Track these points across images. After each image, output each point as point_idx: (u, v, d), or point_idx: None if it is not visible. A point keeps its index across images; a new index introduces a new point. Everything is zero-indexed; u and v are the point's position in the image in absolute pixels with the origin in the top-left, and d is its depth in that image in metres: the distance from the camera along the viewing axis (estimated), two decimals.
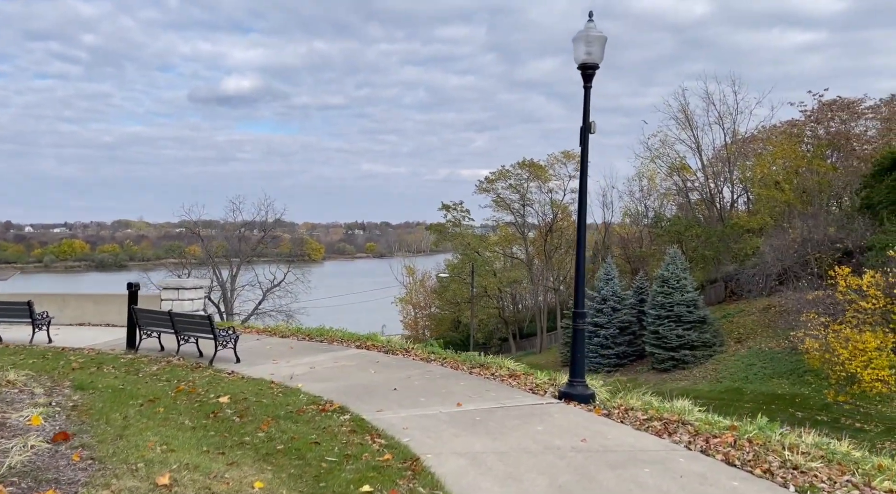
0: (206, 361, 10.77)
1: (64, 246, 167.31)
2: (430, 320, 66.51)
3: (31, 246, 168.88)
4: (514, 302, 67.36)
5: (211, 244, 51.01)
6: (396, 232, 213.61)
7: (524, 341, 64.10)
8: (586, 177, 8.70)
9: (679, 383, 37.43)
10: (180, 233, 53.23)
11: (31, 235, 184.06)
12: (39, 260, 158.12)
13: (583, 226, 8.76)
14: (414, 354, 12.06)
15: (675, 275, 39.67)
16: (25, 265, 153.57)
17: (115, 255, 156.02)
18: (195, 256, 51.03)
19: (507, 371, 10.51)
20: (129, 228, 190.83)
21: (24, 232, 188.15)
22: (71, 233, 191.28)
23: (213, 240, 52.65)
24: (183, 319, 10.81)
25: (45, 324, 12.85)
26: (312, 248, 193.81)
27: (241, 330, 14.79)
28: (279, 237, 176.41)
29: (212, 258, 50.03)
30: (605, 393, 9.44)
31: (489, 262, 59.83)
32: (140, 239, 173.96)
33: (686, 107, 49.79)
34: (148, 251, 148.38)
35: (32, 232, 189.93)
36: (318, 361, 11.27)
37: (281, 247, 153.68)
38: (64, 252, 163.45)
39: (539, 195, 60.41)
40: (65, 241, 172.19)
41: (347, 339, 13.45)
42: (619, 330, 43.32)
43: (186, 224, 52.44)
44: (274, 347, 12.70)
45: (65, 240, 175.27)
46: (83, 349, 11.76)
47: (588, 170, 8.89)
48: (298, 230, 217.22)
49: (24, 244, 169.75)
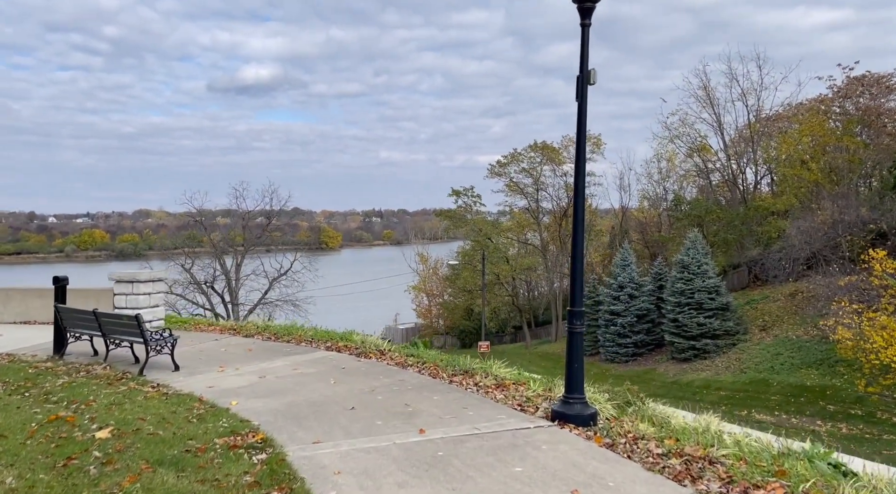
0: (138, 369, 9.13)
1: (84, 236, 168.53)
2: (443, 308, 64.87)
3: (53, 236, 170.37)
4: (528, 290, 65.45)
5: (227, 233, 49.57)
6: (413, 219, 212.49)
7: (539, 329, 62.26)
8: (584, 141, 6.84)
9: (700, 373, 35.47)
10: (202, 222, 52.01)
11: (53, 225, 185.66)
12: (61, 250, 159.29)
13: (580, 200, 6.94)
14: (389, 357, 10.33)
15: (695, 261, 37.56)
16: (47, 255, 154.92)
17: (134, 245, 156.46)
18: (213, 245, 49.62)
19: (493, 380, 8.73)
20: (149, 218, 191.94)
21: (48, 222, 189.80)
22: (93, 223, 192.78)
23: (231, 229, 51.22)
24: (110, 320, 9.19)
25: None
26: (329, 236, 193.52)
27: (205, 328, 13.19)
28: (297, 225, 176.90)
29: (216, 247, 48.64)
30: (609, 408, 7.63)
31: (502, 249, 57.91)
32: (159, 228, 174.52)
33: (707, 84, 47.30)
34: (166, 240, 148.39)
35: (55, 222, 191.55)
36: (273, 368, 9.58)
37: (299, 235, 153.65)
38: (85, 242, 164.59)
39: (553, 179, 58.34)
40: (85, 231, 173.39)
41: (318, 339, 11.77)
42: (637, 318, 41.37)
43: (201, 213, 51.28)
44: (230, 349, 11.04)
45: (85, 230, 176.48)
46: (11, 353, 10.20)
47: (586, 134, 7.01)
48: (316, 218, 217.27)
49: (47, 234, 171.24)
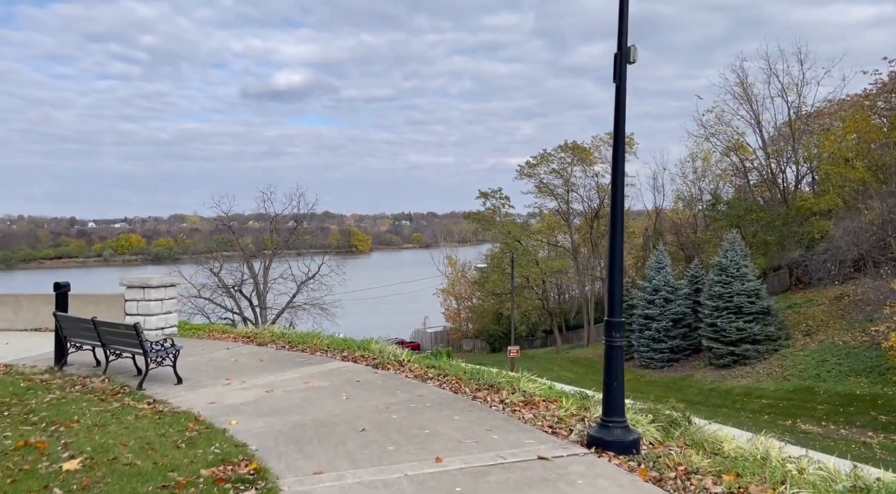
0: (146, 381, 8.50)
1: (122, 240, 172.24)
2: (471, 312, 63.99)
3: (92, 240, 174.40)
4: (559, 293, 64.19)
5: (259, 237, 49.48)
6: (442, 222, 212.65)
7: (571, 333, 60.98)
8: (623, 129, 5.98)
9: (740, 380, 34.02)
10: (231, 227, 52.25)
11: (93, 230, 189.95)
12: (99, 255, 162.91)
13: (619, 196, 6.07)
14: (408, 369, 9.55)
15: (734, 263, 36.11)
16: (86, 259, 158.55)
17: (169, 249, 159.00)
18: (241, 249, 49.59)
19: (521, 397, 7.87)
20: (184, 222, 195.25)
21: (87, 227, 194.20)
22: (130, 227, 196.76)
23: (262, 233, 51.17)
24: (109, 329, 8.58)
25: None
26: (359, 239, 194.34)
27: (219, 336, 12.58)
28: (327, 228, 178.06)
29: (244, 251, 48.57)
30: (653, 431, 6.73)
31: (532, 251, 56.80)
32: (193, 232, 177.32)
33: (745, 80, 45.64)
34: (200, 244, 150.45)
35: (95, 227, 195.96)
36: (282, 381, 8.87)
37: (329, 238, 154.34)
38: (122, 246, 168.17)
39: (584, 179, 57.07)
40: (122, 236, 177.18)
41: (335, 348, 11.05)
42: (673, 323, 40.00)
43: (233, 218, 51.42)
44: (240, 359, 10.38)
45: (123, 234, 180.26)
46: (10, 364, 9.68)
47: (625, 121, 6.14)
48: (346, 222, 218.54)
49: (86, 239, 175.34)
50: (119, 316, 12.82)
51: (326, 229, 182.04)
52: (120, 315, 12.83)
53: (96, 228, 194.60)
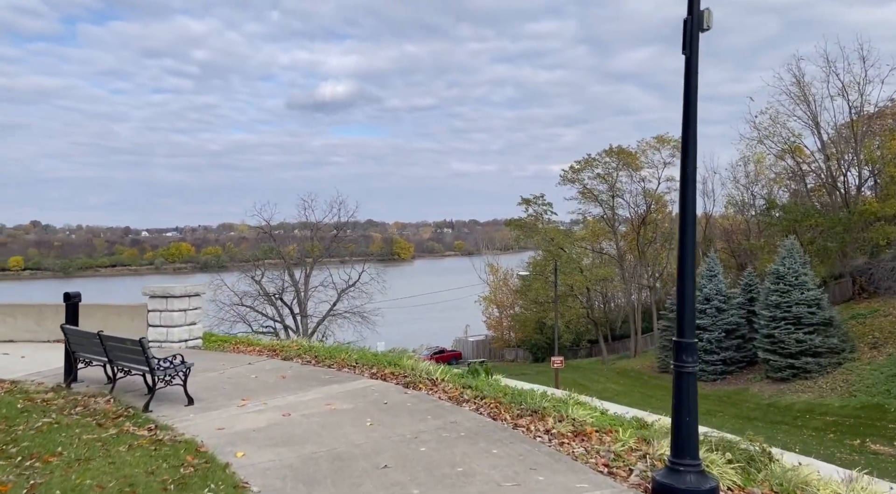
0: (154, 401, 7.77)
1: (172, 249, 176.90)
2: (513, 320, 62.63)
3: (145, 249, 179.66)
4: (604, 302, 62.35)
5: (303, 245, 49.41)
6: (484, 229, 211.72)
7: (617, 343, 59.10)
8: (695, 111, 4.94)
9: (800, 395, 32.00)
10: (278, 235, 52.54)
11: (145, 239, 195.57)
12: (151, 263, 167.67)
13: (690, 195, 5.02)
14: (442, 390, 8.59)
15: (792, 271, 34.11)
16: (139, 267, 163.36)
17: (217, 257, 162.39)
18: (282, 256, 49.58)
19: (570, 426, 6.83)
20: (232, 231, 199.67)
21: (140, 236, 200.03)
22: (181, 236, 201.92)
23: (306, 241, 51.14)
24: (115, 344, 7.89)
25: None
26: (402, 247, 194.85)
27: (244, 348, 11.86)
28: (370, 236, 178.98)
29: (285, 259, 48.47)
30: (731, 473, 5.63)
31: (575, 259, 55.24)
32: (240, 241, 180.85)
33: (801, 79, 43.34)
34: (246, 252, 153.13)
35: (147, 236, 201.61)
36: (303, 402, 8.02)
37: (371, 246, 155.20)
38: (172, 254, 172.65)
39: (630, 185, 55.33)
40: (173, 245, 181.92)
41: (364, 363, 10.18)
42: (726, 334, 38.10)
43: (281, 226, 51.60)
44: (262, 376, 9.59)
45: (173, 243, 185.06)
46: (17, 380, 9.09)
47: (696, 103, 5.10)
48: (389, 229, 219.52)
49: (139, 248, 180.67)
50: (144, 328, 12.25)
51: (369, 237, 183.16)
52: (143, 327, 12.27)
53: (149, 237, 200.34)
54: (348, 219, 50.16)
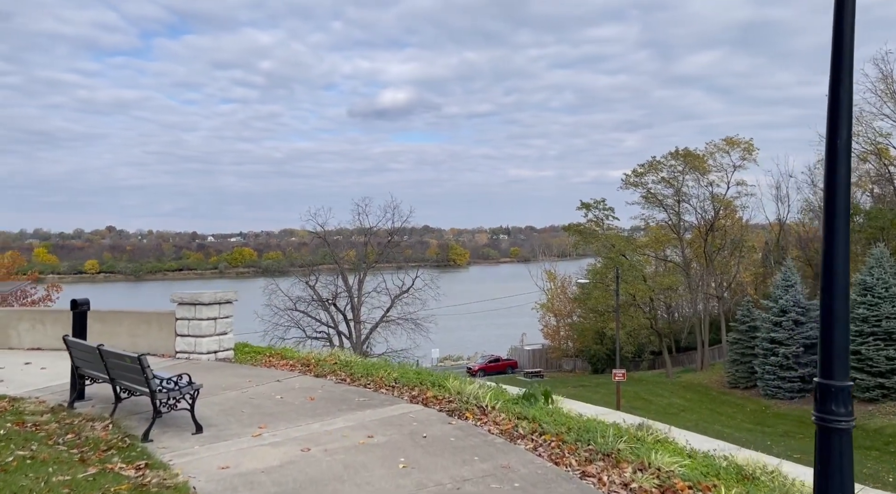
0: (157, 428, 6.72)
1: (235, 253, 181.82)
2: (571, 330, 60.42)
3: (210, 254, 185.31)
4: (668, 312, 59.47)
5: (361, 250, 48.97)
6: (541, 236, 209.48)
7: (681, 355, 56.23)
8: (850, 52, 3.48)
9: (893, 419, 29.09)
10: (336, 241, 52.42)
11: (211, 244, 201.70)
12: (215, 267, 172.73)
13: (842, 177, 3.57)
14: (492, 420, 7.24)
15: (881, 281, 31.20)
16: (204, 271, 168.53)
17: (278, 262, 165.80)
18: (336, 261, 49.23)
19: (655, 478, 5.37)
20: (293, 236, 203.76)
21: (207, 241, 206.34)
22: (244, 241, 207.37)
23: (362, 247, 50.73)
24: (114, 361, 6.89)
25: None
26: (457, 253, 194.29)
27: (276, 362, 10.79)
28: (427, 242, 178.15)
29: (339, 264, 48.00)
30: None
31: (638, 266, 52.77)
32: (301, 246, 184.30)
33: (890, 75, 40.01)
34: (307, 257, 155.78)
35: (213, 241, 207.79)
36: (327, 433, 6.82)
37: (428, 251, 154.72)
38: (235, 259, 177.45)
39: (697, 189, 52.53)
40: (236, 249, 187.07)
41: (404, 384, 8.92)
42: (804, 349, 35.23)
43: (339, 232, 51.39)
44: (288, 396, 8.45)
45: (237, 248, 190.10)
46: (15, 397, 8.23)
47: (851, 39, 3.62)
48: (445, 236, 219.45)
49: (204, 252, 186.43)
50: (172, 338, 11.37)
51: (426, 243, 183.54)
52: (173, 336, 11.38)
53: (214, 242, 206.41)
54: (402, 224, 49.30)
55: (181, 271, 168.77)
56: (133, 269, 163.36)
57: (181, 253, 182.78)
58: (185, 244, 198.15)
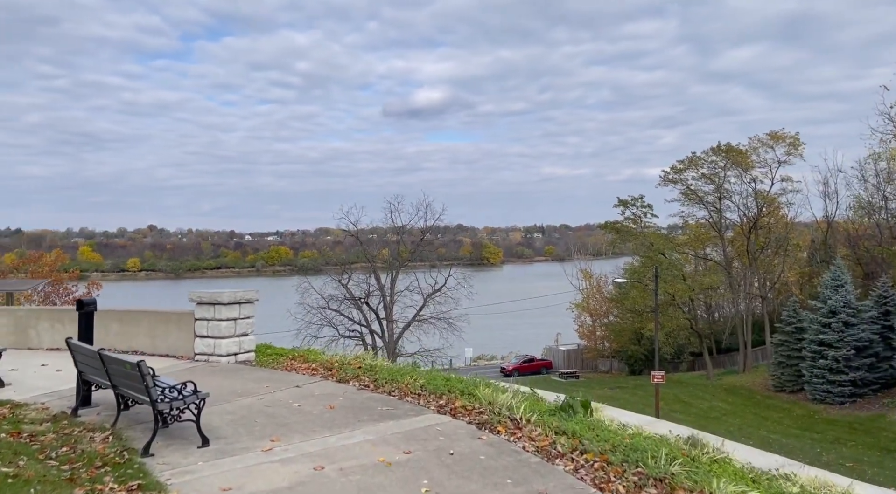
0: (161, 440, 6.19)
1: (272, 252, 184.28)
2: (608, 330, 59.09)
3: (247, 252, 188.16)
4: (708, 312, 57.66)
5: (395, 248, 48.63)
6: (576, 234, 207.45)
7: (722, 357, 54.49)
8: None
9: None
10: (370, 240, 52.20)
11: (248, 243, 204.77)
12: (252, 266, 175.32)
13: None
14: (527, 435, 6.52)
15: None
16: (241, 270, 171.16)
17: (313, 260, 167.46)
18: (368, 260, 48.95)
19: None
20: (328, 235, 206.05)
21: (244, 240, 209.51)
22: (280, 240, 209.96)
23: (390, 245, 50.39)
24: (116, 367, 6.36)
25: None
26: (491, 252, 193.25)
27: (298, 365, 10.23)
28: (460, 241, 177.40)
29: (371, 263, 47.66)
30: None
31: (677, 265, 51.20)
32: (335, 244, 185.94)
33: None
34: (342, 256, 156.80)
35: (250, 240, 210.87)
36: (344, 448, 6.19)
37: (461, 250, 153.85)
38: (272, 257, 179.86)
39: (739, 186, 50.68)
40: (273, 248, 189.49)
41: (432, 391, 8.25)
42: (856, 351, 33.60)
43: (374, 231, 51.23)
44: (306, 404, 7.86)
45: (273, 247, 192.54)
46: (19, 403, 7.79)
47: None
48: (479, 234, 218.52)
49: (242, 251, 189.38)
50: (191, 339, 10.91)
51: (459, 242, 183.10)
52: (192, 336, 10.92)
53: (251, 241, 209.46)
54: (434, 222, 48.72)
55: (219, 269, 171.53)
56: (173, 267, 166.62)
57: (219, 252, 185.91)
58: (224, 242, 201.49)
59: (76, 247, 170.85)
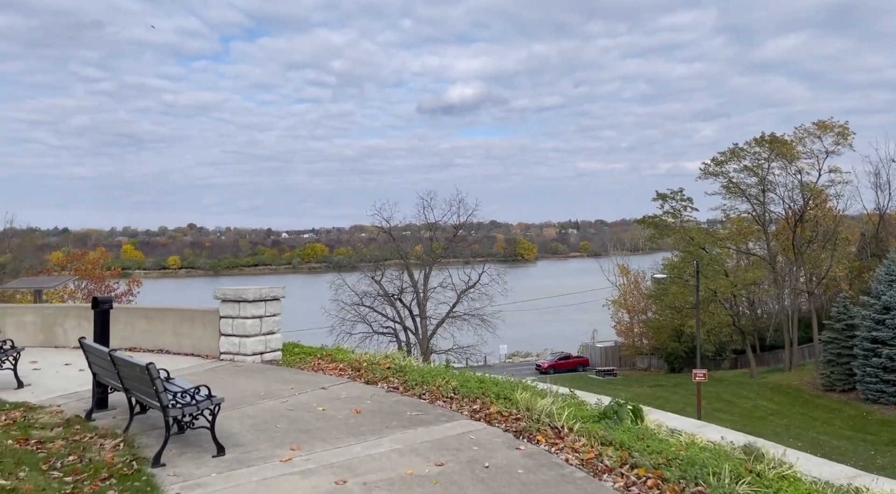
0: (174, 448, 5.77)
1: (308, 249, 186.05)
2: (646, 327, 57.70)
3: (283, 250, 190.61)
4: (751, 308, 55.85)
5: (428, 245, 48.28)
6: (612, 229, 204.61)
7: (767, 354, 52.75)
8: None
9: None
10: (404, 236, 51.95)
11: (284, 240, 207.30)
12: (288, 263, 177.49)
13: None
14: (569, 445, 5.91)
15: None
16: (278, 267, 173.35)
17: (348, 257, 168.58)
18: (404, 256, 48.67)
19: None
20: (363, 232, 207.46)
21: (281, 237, 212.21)
22: (316, 237, 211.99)
23: (423, 242, 50.02)
24: (127, 370, 5.95)
25: (8, 360, 8.58)
26: (525, 248, 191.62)
27: (325, 366, 9.78)
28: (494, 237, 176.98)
29: (403, 260, 47.32)
30: None
31: (719, 260, 49.63)
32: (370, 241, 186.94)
33: None
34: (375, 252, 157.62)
35: (287, 237, 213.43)
36: (369, 457, 5.67)
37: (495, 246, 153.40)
38: (307, 254, 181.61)
39: (784, 177, 48.84)
40: (308, 245, 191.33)
41: (465, 394, 7.68)
42: None
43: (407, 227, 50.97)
44: (331, 408, 7.37)
45: (309, 244, 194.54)
46: (33, 406, 7.48)
47: None
48: (512, 230, 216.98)
49: (278, 248, 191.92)
50: (216, 337, 10.56)
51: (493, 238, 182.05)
52: (217, 335, 10.56)
53: (288, 238, 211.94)
54: (468, 218, 48.16)
55: (256, 267, 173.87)
56: (212, 265, 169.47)
57: (256, 249, 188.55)
58: (261, 240, 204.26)
59: (120, 245, 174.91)
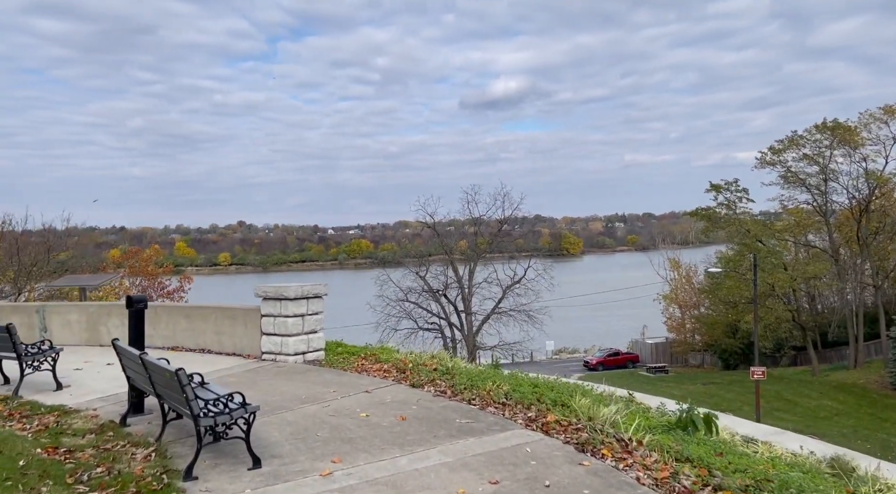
0: (208, 458, 5.38)
1: (353, 245, 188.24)
2: (698, 322, 55.90)
3: (330, 246, 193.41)
4: (811, 303, 53.45)
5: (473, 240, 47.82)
6: (660, 223, 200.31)
7: (829, 351, 50.38)
8: None
9: None
10: (448, 231, 51.65)
11: (331, 237, 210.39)
12: (335, 259, 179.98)
13: None
14: (639, 461, 5.28)
15: None
16: (324, 263, 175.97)
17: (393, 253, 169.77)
18: (448, 251, 48.29)
19: None
20: (407, 228, 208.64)
21: (327, 234, 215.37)
22: (361, 234, 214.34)
23: (468, 237, 49.55)
24: (157, 375, 5.57)
25: (47, 360, 8.39)
26: (570, 242, 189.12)
27: (369, 366, 9.32)
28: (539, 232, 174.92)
29: (448, 255, 46.87)
30: None
31: (777, 253, 47.57)
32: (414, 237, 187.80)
33: None
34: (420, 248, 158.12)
35: (333, 233, 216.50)
36: (416, 472, 5.16)
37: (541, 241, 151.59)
38: (353, 250, 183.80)
39: (847, 166, 46.42)
40: (354, 242, 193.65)
41: (518, 401, 7.09)
42: None
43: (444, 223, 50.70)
44: (375, 414, 6.88)
45: (354, 240, 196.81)
46: (68, 410, 7.21)
47: None
48: (558, 225, 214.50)
49: (325, 244, 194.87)
50: (258, 336, 10.22)
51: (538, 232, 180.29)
52: (258, 334, 10.23)
53: (334, 235, 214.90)
54: (513, 212, 47.40)
55: (304, 263, 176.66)
56: (261, 261, 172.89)
57: (303, 246, 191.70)
58: (308, 237, 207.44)
59: (173, 242, 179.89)
